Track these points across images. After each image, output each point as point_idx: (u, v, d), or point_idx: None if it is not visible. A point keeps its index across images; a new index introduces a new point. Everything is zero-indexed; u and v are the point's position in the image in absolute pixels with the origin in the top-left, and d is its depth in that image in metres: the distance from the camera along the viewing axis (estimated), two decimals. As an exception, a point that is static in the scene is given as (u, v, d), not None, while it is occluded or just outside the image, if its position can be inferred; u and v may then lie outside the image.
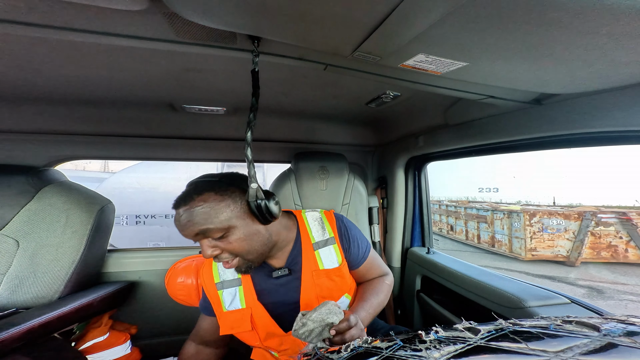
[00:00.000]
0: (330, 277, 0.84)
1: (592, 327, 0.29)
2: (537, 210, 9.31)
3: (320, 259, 0.85)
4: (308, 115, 1.34)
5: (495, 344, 0.27)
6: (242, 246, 0.70)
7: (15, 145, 1.21)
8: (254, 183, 0.61)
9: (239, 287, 0.82)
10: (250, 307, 0.80)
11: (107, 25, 0.54)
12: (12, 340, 0.83)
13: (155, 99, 1.09)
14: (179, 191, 0.72)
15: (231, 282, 0.83)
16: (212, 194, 0.68)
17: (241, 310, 0.80)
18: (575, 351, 0.25)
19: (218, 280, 0.84)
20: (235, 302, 0.81)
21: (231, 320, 0.80)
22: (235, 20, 0.46)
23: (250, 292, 0.82)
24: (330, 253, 0.86)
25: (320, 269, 0.83)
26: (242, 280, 0.83)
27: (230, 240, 0.68)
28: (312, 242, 0.86)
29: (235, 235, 0.69)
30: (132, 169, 4.05)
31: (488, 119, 0.96)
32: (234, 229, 0.69)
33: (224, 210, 0.67)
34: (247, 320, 0.79)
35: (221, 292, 0.82)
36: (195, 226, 0.65)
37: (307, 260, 0.84)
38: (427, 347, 0.27)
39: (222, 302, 0.82)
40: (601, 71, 0.55)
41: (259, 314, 0.80)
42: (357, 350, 0.30)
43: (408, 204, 1.57)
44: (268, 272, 0.83)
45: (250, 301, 0.81)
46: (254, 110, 0.60)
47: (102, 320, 1.27)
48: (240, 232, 0.69)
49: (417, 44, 0.50)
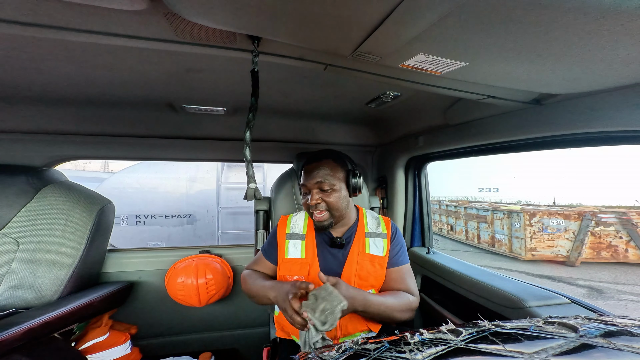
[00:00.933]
0: (373, 262, 0.97)
1: (571, 328, 0.29)
2: (537, 210, 9.31)
3: (369, 244, 0.99)
4: (308, 115, 1.34)
5: (474, 345, 0.27)
6: (337, 202, 0.93)
7: (15, 145, 1.21)
8: (252, 183, 0.61)
9: (302, 241, 1.00)
10: (309, 259, 0.97)
11: (107, 25, 0.54)
12: (12, 340, 0.83)
13: (155, 99, 1.09)
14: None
15: (297, 236, 1.02)
16: (332, 160, 0.96)
17: (300, 260, 0.97)
18: (549, 352, 0.25)
19: (289, 231, 1.03)
20: (296, 251, 0.99)
21: (291, 265, 0.97)
22: (235, 20, 0.46)
23: (311, 247, 0.99)
24: (379, 243, 1.00)
25: (365, 252, 0.98)
26: (307, 237, 1.00)
27: (333, 196, 0.92)
28: (365, 230, 1.02)
29: (336, 193, 0.93)
30: (132, 169, 4.05)
31: (488, 119, 0.96)
32: (338, 189, 0.93)
33: (337, 174, 0.94)
34: (305, 268, 0.96)
35: (288, 241, 1.01)
36: (319, 177, 0.91)
37: (358, 242, 0.99)
38: (410, 349, 0.28)
39: (286, 249, 0.99)
40: (601, 71, 0.55)
41: (313, 267, 0.96)
42: (349, 351, 0.31)
43: (408, 204, 1.57)
44: (328, 239, 1.00)
45: (309, 254, 0.98)
46: (253, 110, 0.60)
47: (102, 320, 1.27)
48: (340, 193, 0.94)
49: (417, 44, 0.50)
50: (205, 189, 4.10)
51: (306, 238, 1.01)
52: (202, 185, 4.11)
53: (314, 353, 0.33)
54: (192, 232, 4.02)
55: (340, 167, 0.96)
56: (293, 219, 1.07)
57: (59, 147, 1.26)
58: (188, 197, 4.02)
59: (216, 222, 4.09)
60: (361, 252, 0.98)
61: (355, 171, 0.99)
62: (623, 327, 0.29)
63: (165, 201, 3.93)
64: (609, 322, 0.30)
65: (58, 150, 1.26)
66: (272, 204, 1.33)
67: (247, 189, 0.62)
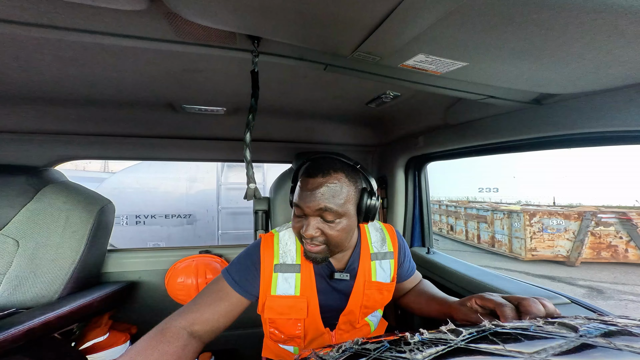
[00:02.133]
0: (381, 290, 0.84)
1: (571, 327, 0.29)
2: (537, 210, 9.32)
3: (375, 270, 0.84)
4: (308, 115, 1.34)
5: (474, 345, 0.27)
6: (341, 236, 0.70)
7: (15, 145, 1.21)
8: (252, 183, 0.61)
9: (296, 274, 0.79)
10: (306, 297, 0.78)
11: (107, 25, 0.54)
12: (12, 340, 0.83)
13: (155, 99, 1.09)
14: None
15: (289, 267, 0.79)
16: (344, 175, 0.69)
17: (296, 298, 0.77)
18: (548, 352, 0.25)
19: (277, 262, 0.78)
20: (289, 288, 0.78)
21: (282, 305, 0.77)
22: (235, 20, 0.46)
23: (310, 282, 0.79)
24: (386, 267, 0.86)
25: (372, 280, 0.83)
26: (302, 268, 0.79)
27: (337, 228, 0.68)
28: (370, 251, 0.85)
29: (342, 223, 0.69)
30: (132, 169, 4.05)
31: (488, 119, 0.96)
32: (346, 217, 0.69)
33: (347, 195, 0.68)
34: (303, 308, 0.77)
35: (276, 275, 0.77)
36: (324, 202, 0.66)
37: (363, 268, 0.83)
38: (410, 349, 0.28)
39: (273, 284, 0.77)
40: (601, 71, 0.55)
41: (313, 306, 0.79)
42: (349, 351, 0.31)
43: (408, 204, 1.57)
44: (328, 271, 0.81)
45: (306, 291, 0.78)
46: (252, 111, 0.59)
47: (102, 320, 1.27)
48: (348, 222, 0.70)
49: (417, 44, 0.50)
50: (205, 189, 4.10)
51: (302, 270, 0.79)
52: (202, 185, 4.11)
53: (314, 353, 0.33)
54: (192, 232, 4.03)
55: (354, 186, 0.70)
56: (282, 242, 0.82)
57: (59, 147, 1.26)
58: (188, 197, 4.03)
59: (216, 222, 4.09)
60: (367, 281, 0.82)
61: (372, 190, 0.73)
62: (623, 327, 0.29)
63: (165, 201, 3.93)
64: (609, 322, 0.30)
65: (58, 150, 1.26)
66: (271, 204, 1.33)
67: (247, 189, 0.61)
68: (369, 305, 0.83)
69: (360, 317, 0.85)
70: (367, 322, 0.88)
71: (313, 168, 0.69)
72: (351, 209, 0.69)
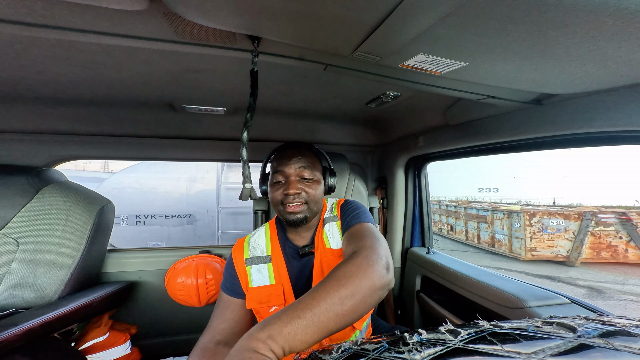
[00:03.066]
0: (335, 256, 0.85)
1: (570, 328, 0.29)
2: (537, 210, 9.31)
3: (326, 237, 0.88)
4: (308, 115, 1.34)
5: (473, 346, 0.27)
6: (316, 195, 0.86)
7: (15, 145, 1.21)
8: (248, 183, 0.61)
9: (268, 264, 0.86)
10: (281, 284, 0.83)
11: (107, 25, 0.54)
12: (12, 340, 0.83)
13: (155, 99, 1.09)
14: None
15: (260, 259, 0.86)
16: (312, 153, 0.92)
17: (271, 286, 0.83)
18: (546, 352, 0.25)
19: (248, 256, 0.87)
20: (263, 278, 0.84)
21: (260, 295, 0.82)
22: (235, 20, 0.46)
23: (281, 268, 0.85)
24: (333, 230, 0.89)
25: (327, 247, 0.86)
26: (273, 257, 0.86)
27: (314, 186, 0.85)
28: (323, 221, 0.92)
29: (316, 184, 0.86)
30: (132, 169, 4.06)
31: (488, 119, 0.96)
32: (319, 182, 0.88)
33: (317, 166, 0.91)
34: (279, 295, 0.82)
35: (249, 267, 0.85)
36: (302, 161, 0.85)
37: (319, 238, 0.88)
38: (409, 350, 0.28)
39: (249, 277, 0.84)
40: (601, 71, 0.55)
41: (288, 290, 0.83)
42: (348, 352, 0.31)
43: (408, 204, 1.57)
44: (294, 252, 0.88)
45: (280, 277, 0.84)
46: (251, 111, 0.59)
47: (102, 320, 1.27)
48: (320, 185, 0.88)
49: (417, 44, 0.50)
50: (205, 189, 4.10)
51: (272, 259, 0.86)
52: (202, 185, 4.11)
53: (314, 353, 0.33)
54: (192, 232, 4.03)
55: (319, 162, 0.93)
56: (251, 240, 0.91)
57: (59, 147, 1.26)
58: (188, 197, 4.03)
59: (216, 222, 4.09)
60: (322, 249, 0.86)
61: (332, 168, 0.99)
62: (621, 327, 0.29)
63: (165, 201, 3.94)
64: (608, 322, 0.30)
65: (58, 150, 1.26)
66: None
67: (243, 189, 0.60)
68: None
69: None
70: None
71: (291, 144, 0.92)
72: (320, 177, 0.89)
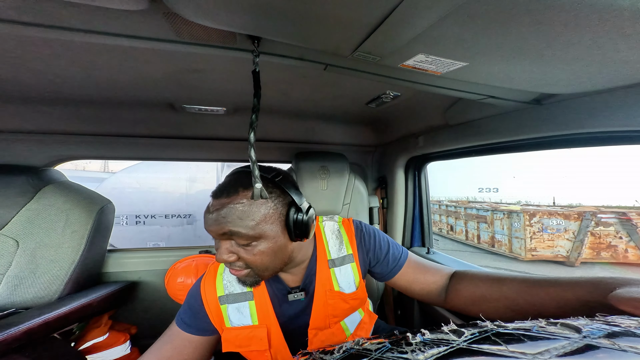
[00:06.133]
0: (346, 300, 0.76)
1: (574, 328, 0.29)
2: (537, 211, 9.32)
3: (336, 279, 0.76)
4: (308, 115, 1.34)
5: (477, 346, 0.27)
6: (263, 261, 0.62)
7: (15, 145, 1.21)
8: (259, 183, 0.56)
9: (249, 302, 0.72)
10: (265, 325, 0.71)
11: (107, 25, 0.54)
12: (12, 340, 0.83)
13: (155, 99, 1.09)
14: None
15: (239, 296, 0.72)
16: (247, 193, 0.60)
17: (254, 327, 0.71)
18: (552, 353, 0.25)
19: (222, 293, 0.72)
20: (243, 318, 0.71)
21: (240, 337, 0.70)
22: (235, 20, 0.46)
23: (266, 307, 0.72)
24: (347, 273, 0.77)
25: (335, 290, 0.75)
26: (256, 295, 0.72)
27: (254, 252, 0.60)
28: (327, 258, 0.77)
29: (261, 246, 0.61)
30: (132, 169, 4.05)
31: (488, 119, 0.96)
32: (264, 239, 0.60)
33: (262, 214, 0.59)
34: (263, 338, 0.70)
35: (225, 306, 0.71)
36: (227, 225, 0.57)
37: (321, 278, 0.75)
38: (412, 350, 0.28)
39: (225, 318, 0.71)
40: (601, 71, 0.55)
41: (275, 333, 0.72)
42: (349, 351, 0.30)
43: (408, 204, 1.57)
44: (282, 292, 0.75)
45: (265, 318, 0.72)
46: (256, 111, 0.58)
47: (102, 321, 1.27)
48: (268, 244, 0.61)
49: (417, 44, 0.50)
50: (205, 189, 4.10)
51: (255, 296, 0.72)
52: (202, 185, 4.11)
53: (315, 353, 0.33)
54: (192, 232, 4.02)
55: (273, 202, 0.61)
56: (226, 272, 0.75)
57: (59, 147, 1.26)
58: (188, 197, 4.02)
59: (216, 222, 4.08)
60: (329, 292, 0.75)
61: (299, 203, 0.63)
62: (626, 327, 0.29)
63: (165, 201, 3.93)
64: (612, 322, 0.30)
65: (58, 150, 1.26)
66: None
67: (254, 189, 0.56)
68: (337, 314, 0.75)
69: (330, 324, 0.76)
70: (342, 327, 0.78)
71: (219, 188, 0.62)
72: (271, 229, 0.60)
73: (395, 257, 0.80)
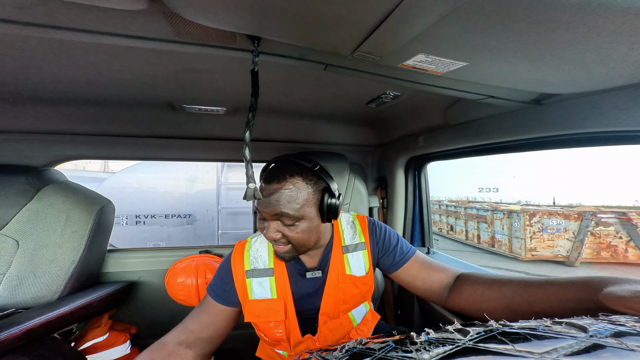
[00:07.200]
0: (356, 284, 0.83)
1: (580, 328, 0.29)
2: (537, 210, 9.32)
3: (348, 263, 0.84)
4: (308, 115, 1.34)
5: (483, 345, 0.27)
6: (303, 238, 0.72)
7: (15, 145, 1.21)
8: (252, 183, 0.59)
9: (270, 277, 0.81)
10: (282, 299, 0.80)
11: (107, 25, 0.54)
12: (12, 340, 0.83)
13: (155, 99, 1.09)
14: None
15: (262, 272, 0.81)
16: (301, 179, 0.70)
17: (272, 301, 0.79)
18: (560, 352, 0.25)
19: (249, 267, 0.81)
20: (264, 291, 0.80)
21: (260, 309, 0.79)
22: (235, 20, 0.46)
23: (284, 283, 0.81)
24: (358, 259, 0.84)
25: (346, 273, 0.83)
26: (276, 271, 0.81)
27: (297, 230, 0.70)
28: (342, 244, 0.86)
29: (303, 225, 0.71)
30: (132, 169, 4.05)
31: (488, 119, 0.96)
32: (305, 219, 0.71)
33: (305, 199, 0.70)
34: (280, 310, 0.79)
35: (249, 280, 0.80)
36: (280, 207, 0.67)
37: (335, 262, 0.83)
38: (417, 349, 0.27)
39: (249, 290, 0.80)
40: (601, 71, 0.55)
41: (290, 307, 0.80)
42: (352, 351, 0.30)
43: (408, 204, 1.57)
44: (301, 270, 0.83)
45: (282, 292, 0.80)
46: (253, 110, 0.59)
47: (101, 321, 1.27)
48: (308, 224, 0.71)
49: (417, 44, 0.50)
50: (205, 189, 4.10)
51: (275, 272, 0.81)
52: (202, 185, 4.11)
53: (316, 353, 0.33)
54: (192, 232, 4.03)
55: (313, 188, 0.72)
56: (252, 248, 0.85)
57: (59, 147, 1.26)
58: (188, 197, 4.03)
59: (216, 222, 4.09)
60: (341, 275, 0.82)
61: (333, 189, 0.74)
62: (632, 327, 0.29)
63: (165, 201, 3.93)
64: (617, 322, 0.30)
65: (58, 150, 1.26)
66: None
67: (247, 189, 0.58)
68: (346, 299, 0.82)
69: (339, 313, 0.83)
70: (350, 318, 0.86)
71: (269, 174, 0.71)
72: (310, 211, 0.71)
73: (402, 251, 0.86)
